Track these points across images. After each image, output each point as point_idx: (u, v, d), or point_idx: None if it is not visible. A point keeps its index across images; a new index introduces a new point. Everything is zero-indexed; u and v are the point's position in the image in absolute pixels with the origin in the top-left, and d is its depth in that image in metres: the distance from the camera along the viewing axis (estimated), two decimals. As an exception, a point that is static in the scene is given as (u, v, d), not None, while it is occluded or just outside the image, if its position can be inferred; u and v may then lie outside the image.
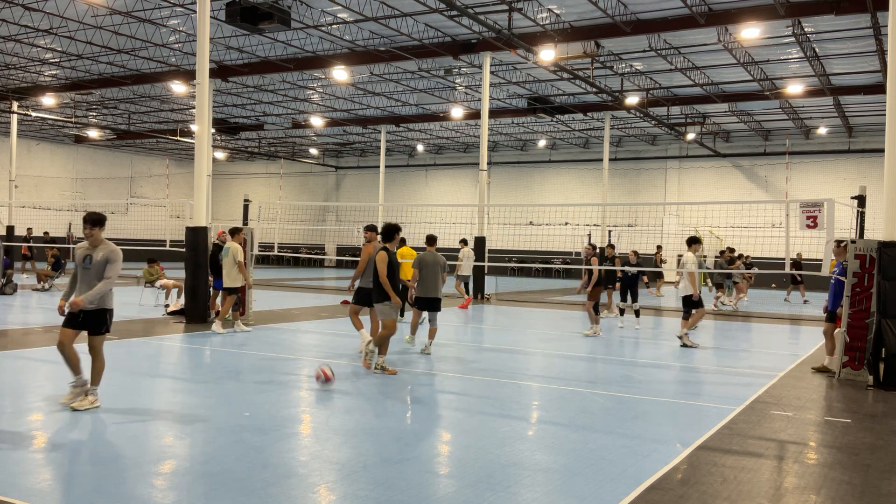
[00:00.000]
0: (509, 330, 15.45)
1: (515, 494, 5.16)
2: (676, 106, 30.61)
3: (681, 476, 5.68)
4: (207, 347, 11.70)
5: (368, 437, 6.50)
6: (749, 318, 18.82)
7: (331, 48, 24.51)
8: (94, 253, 7.12)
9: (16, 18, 21.67)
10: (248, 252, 15.24)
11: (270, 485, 5.20)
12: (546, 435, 6.87)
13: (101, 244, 7.16)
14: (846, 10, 18.36)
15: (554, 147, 42.46)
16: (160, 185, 50.11)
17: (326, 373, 8.37)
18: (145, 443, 6.14)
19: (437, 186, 45.37)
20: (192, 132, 37.77)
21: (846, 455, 6.41)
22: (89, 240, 7.18)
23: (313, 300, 21.16)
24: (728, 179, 37.79)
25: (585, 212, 35.54)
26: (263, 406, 7.59)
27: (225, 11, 18.60)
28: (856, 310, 10.10)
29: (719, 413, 7.86)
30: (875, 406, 8.68)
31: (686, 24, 20.19)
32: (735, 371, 10.76)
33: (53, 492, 5.06)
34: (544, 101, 29.93)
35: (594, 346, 13.43)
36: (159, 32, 23.25)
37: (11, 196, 33.44)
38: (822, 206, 11.55)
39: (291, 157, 48.09)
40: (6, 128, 37.25)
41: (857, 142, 35.06)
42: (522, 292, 27.01)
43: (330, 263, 46.44)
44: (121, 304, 18.39)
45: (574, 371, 10.46)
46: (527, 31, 21.61)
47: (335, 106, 34.10)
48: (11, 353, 10.42)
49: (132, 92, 32.07)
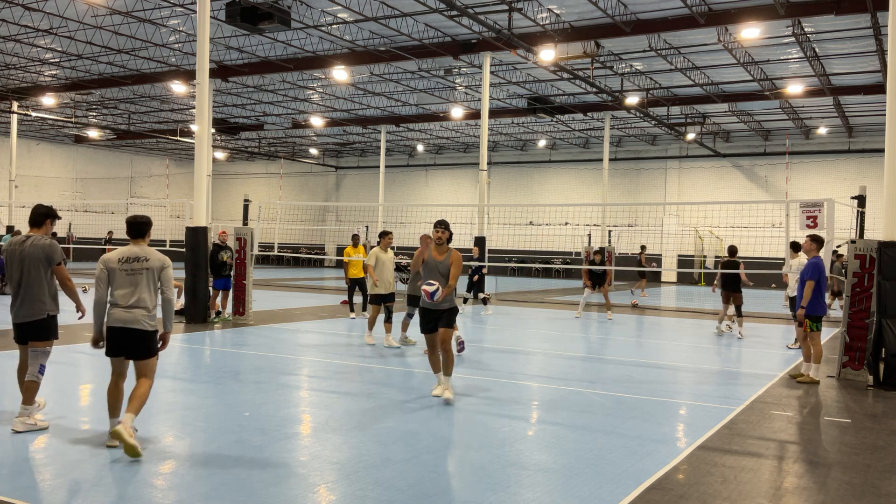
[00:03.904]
0: (509, 330, 15.45)
1: (515, 494, 5.16)
2: (676, 106, 30.61)
3: (681, 476, 5.67)
4: (207, 347, 11.70)
5: (368, 437, 6.50)
6: (749, 318, 18.82)
7: (331, 48, 24.50)
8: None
9: (16, 18, 21.67)
10: (249, 252, 15.27)
11: (270, 485, 5.20)
12: (546, 435, 6.87)
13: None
14: (846, 10, 18.36)
15: (554, 147, 42.45)
16: (160, 185, 50.11)
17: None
18: (145, 443, 6.14)
19: (437, 186, 45.37)
20: (192, 132, 37.76)
21: (846, 455, 6.41)
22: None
23: (313, 300, 21.16)
24: (728, 179, 37.79)
25: (585, 212, 35.53)
26: (263, 406, 7.59)
27: (225, 11, 18.61)
28: (856, 310, 10.09)
29: (719, 413, 7.86)
30: (875, 406, 8.67)
31: (686, 24, 20.19)
32: (735, 371, 10.76)
33: (53, 492, 5.06)
34: (544, 101, 29.93)
35: (594, 346, 13.44)
36: (159, 32, 23.25)
37: (11, 196, 33.43)
38: (822, 206, 11.55)
39: (291, 157, 48.09)
40: (6, 128, 37.25)
41: (857, 142, 35.05)
42: (522, 292, 27.01)
43: (330, 263, 46.45)
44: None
45: (574, 371, 10.45)
46: (527, 31, 21.61)
47: (335, 106, 34.09)
48: (11, 354, 10.42)
49: (132, 92, 32.07)
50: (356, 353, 11.41)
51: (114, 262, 6.08)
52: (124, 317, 6.00)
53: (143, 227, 6.27)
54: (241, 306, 15.07)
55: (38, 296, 6.44)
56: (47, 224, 6.64)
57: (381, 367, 10.16)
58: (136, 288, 6.06)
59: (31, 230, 6.64)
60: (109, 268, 6.08)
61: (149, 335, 6.08)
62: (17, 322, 6.51)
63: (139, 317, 6.02)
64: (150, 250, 6.26)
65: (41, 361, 6.47)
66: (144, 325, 6.04)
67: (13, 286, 6.50)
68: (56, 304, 6.59)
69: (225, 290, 15.14)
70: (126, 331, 6.01)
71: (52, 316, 6.54)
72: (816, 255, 10.11)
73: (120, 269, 6.07)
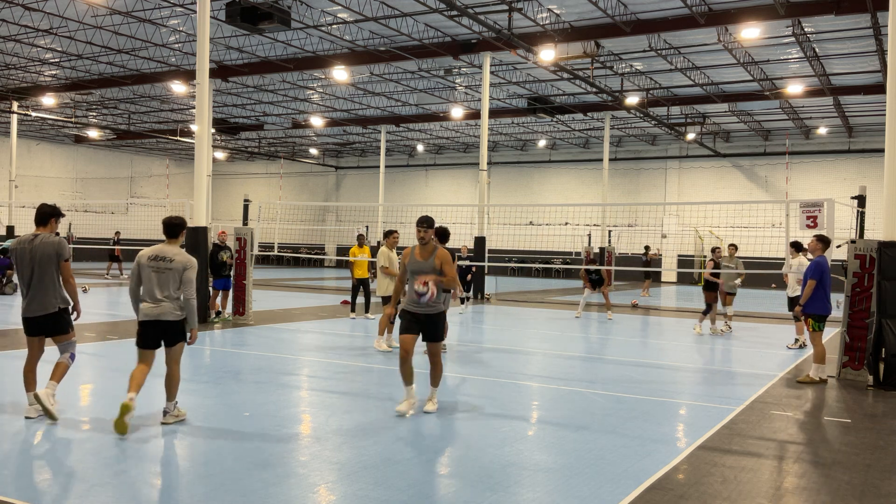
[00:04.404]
0: (509, 330, 15.45)
1: (515, 494, 5.16)
2: (676, 106, 30.61)
3: (681, 476, 5.67)
4: (207, 347, 11.69)
5: (368, 437, 6.50)
6: (749, 318, 18.82)
7: (331, 48, 24.51)
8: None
9: (16, 18, 21.67)
10: (249, 252, 15.28)
11: (270, 485, 5.20)
12: (546, 435, 6.87)
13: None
14: (846, 10, 18.36)
15: (554, 147, 42.46)
16: (160, 185, 50.11)
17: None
18: (145, 443, 6.14)
19: (437, 186, 45.37)
20: (192, 132, 37.77)
21: (846, 455, 6.41)
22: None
23: (313, 300, 21.16)
24: (728, 179, 37.79)
25: (585, 212, 35.54)
26: (263, 406, 7.59)
27: (225, 11, 18.61)
28: (856, 310, 10.09)
29: (719, 413, 7.86)
30: (875, 406, 8.67)
31: (686, 24, 20.19)
32: (735, 371, 10.76)
33: (53, 492, 5.06)
34: (544, 101, 29.93)
35: (594, 346, 13.45)
36: (159, 32, 23.25)
37: (11, 196, 33.45)
38: (822, 206, 11.56)
39: (291, 157, 48.09)
40: (6, 128, 37.25)
41: (857, 142, 35.05)
42: (522, 292, 27.01)
43: (330, 263, 46.45)
44: (120, 304, 18.40)
45: (574, 371, 10.45)
46: (527, 31, 21.61)
47: (335, 106, 34.10)
48: (11, 354, 10.42)
49: (132, 92, 32.08)
50: (356, 353, 11.41)
51: (145, 259, 6.60)
52: (152, 311, 6.54)
53: (176, 228, 6.76)
54: (241, 306, 15.07)
55: (49, 290, 6.73)
56: (52, 223, 6.91)
57: (381, 368, 10.16)
58: (162, 285, 6.54)
59: (37, 229, 6.86)
60: (140, 264, 6.62)
61: (175, 324, 6.60)
62: (31, 317, 6.80)
63: (166, 309, 6.53)
64: (178, 251, 6.70)
65: (71, 350, 6.92)
66: (170, 316, 6.55)
67: (24, 284, 6.76)
68: (65, 298, 6.89)
69: (225, 290, 15.14)
70: (154, 323, 6.57)
71: (64, 309, 6.83)
72: (822, 254, 10.13)
73: (148, 266, 6.58)
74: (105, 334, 12.52)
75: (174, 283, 6.54)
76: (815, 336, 9.93)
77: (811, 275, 9.88)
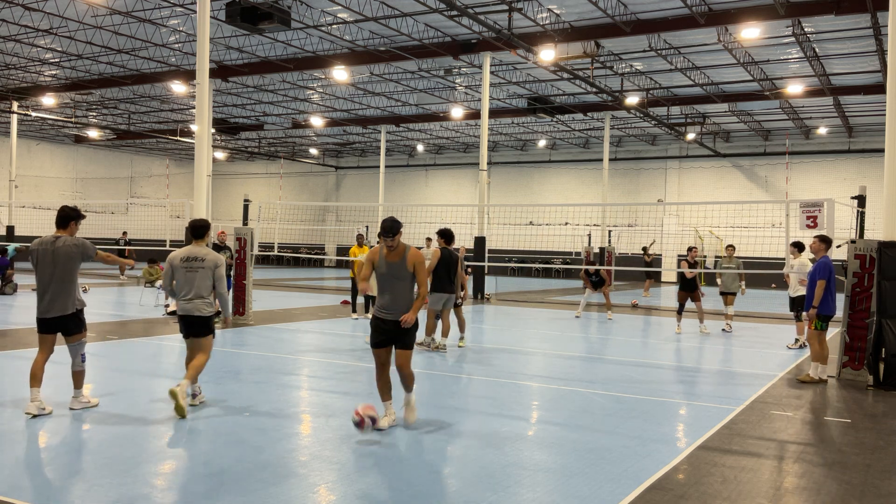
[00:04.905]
0: (509, 330, 15.45)
1: (515, 494, 5.16)
2: (676, 106, 30.62)
3: (681, 476, 5.68)
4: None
5: (368, 437, 6.50)
6: (749, 318, 18.83)
7: (331, 48, 24.51)
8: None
9: (16, 18, 21.68)
10: (248, 252, 15.28)
11: (270, 485, 5.20)
12: (546, 435, 6.87)
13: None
14: (846, 10, 18.37)
15: (554, 147, 42.46)
16: (160, 185, 50.12)
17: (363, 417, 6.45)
18: (145, 443, 6.15)
19: (437, 186, 45.37)
20: (192, 132, 37.77)
21: (846, 455, 6.41)
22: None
23: (313, 300, 21.15)
24: (728, 179, 37.79)
25: (585, 212, 35.54)
26: (263, 406, 7.59)
27: (225, 11, 18.61)
28: (856, 310, 10.09)
29: (719, 413, 7.86)
30: (875, 406, 8.67)
31: (686, 24, 20.20)
32: (735, 371, 10.76)
33: (53, 492, 5.06)
34: (544, 101, 29.93)
35: (594, 346, 13.45)
36: (159, 32, 23.25)
37: (11, 196, 33.45)
38: (822, 206, 11.55)
39: (291, 157, 48.10)
40: (6, 128, 37.25)
41: (857, 142, 35.06)
42: (522, 292, 27.01)
43: (330, 263, 46.45)
44: (121, 304, 18.40)
45: (574, 371, 10.45)
46: (527, 31, 21.61)
47: (335, 106, 34.10)
48: (11, 354, 10.43)
49: (132, 92, 32.08)
50: (356, 353, 11.41)
51: (177, 260, 7.28)
52: (186, 307, 7.23)
53: (202, 230, 7.43)
54: (241, 306, 15.07)
55: (69, 292, 6.95)
56: (72, 225, 7.13)
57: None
58: (193, 283, 7.21)
59: (57, 231, 7.08)
60: (173, 265, 7.29)
61: (204, 319, 7.28)
62: (48, 317, 6.94)
63: (198, 305, 7.22)
64: (207, 251, 7.36)
65: (80, 352, 7.14)
66: (201, 312, 7.23)
67: (42, 284, 6.93)
68: (81, 300, 7.13)
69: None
70: (187, 318, 7.27)
71: (80, 310, 7.09)
72: (825, 255, 10.16)
73: (181, 267, 7.24)
74: (105, 334, 12.52)
75: (206, 279, 7.22)
76: (817, 335, 9.95)
77: (820, 275, 9.91)
